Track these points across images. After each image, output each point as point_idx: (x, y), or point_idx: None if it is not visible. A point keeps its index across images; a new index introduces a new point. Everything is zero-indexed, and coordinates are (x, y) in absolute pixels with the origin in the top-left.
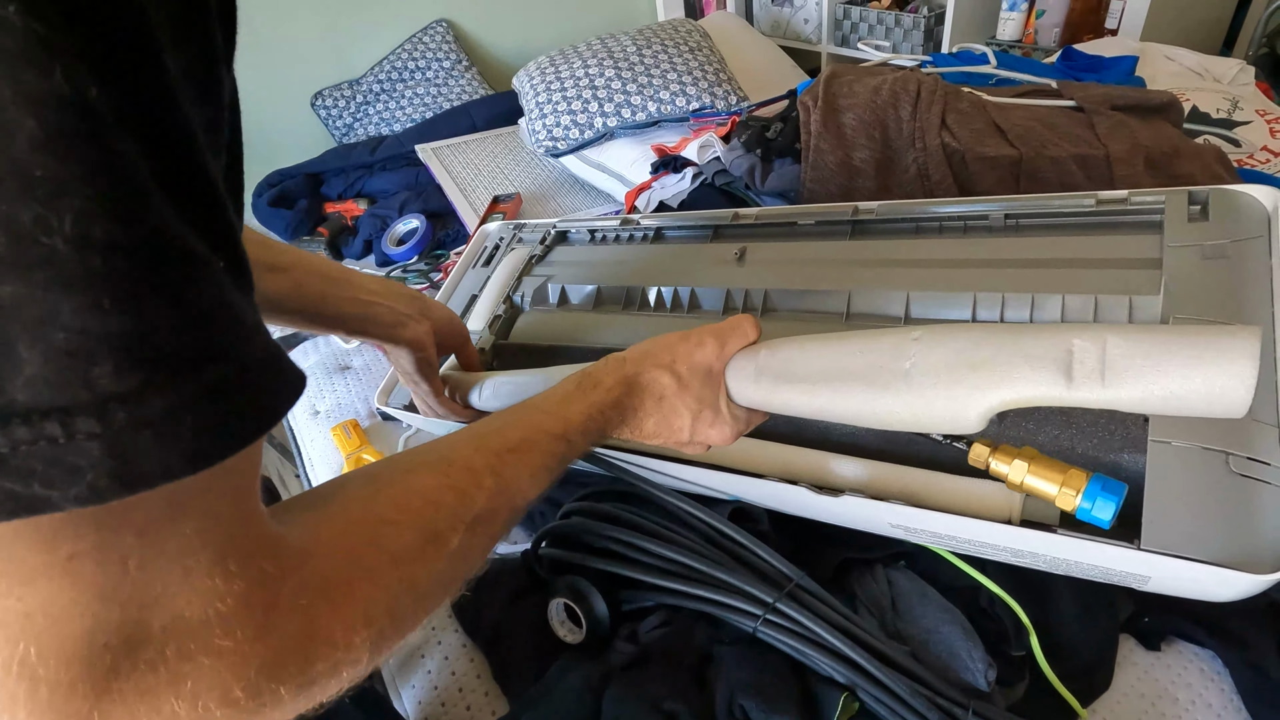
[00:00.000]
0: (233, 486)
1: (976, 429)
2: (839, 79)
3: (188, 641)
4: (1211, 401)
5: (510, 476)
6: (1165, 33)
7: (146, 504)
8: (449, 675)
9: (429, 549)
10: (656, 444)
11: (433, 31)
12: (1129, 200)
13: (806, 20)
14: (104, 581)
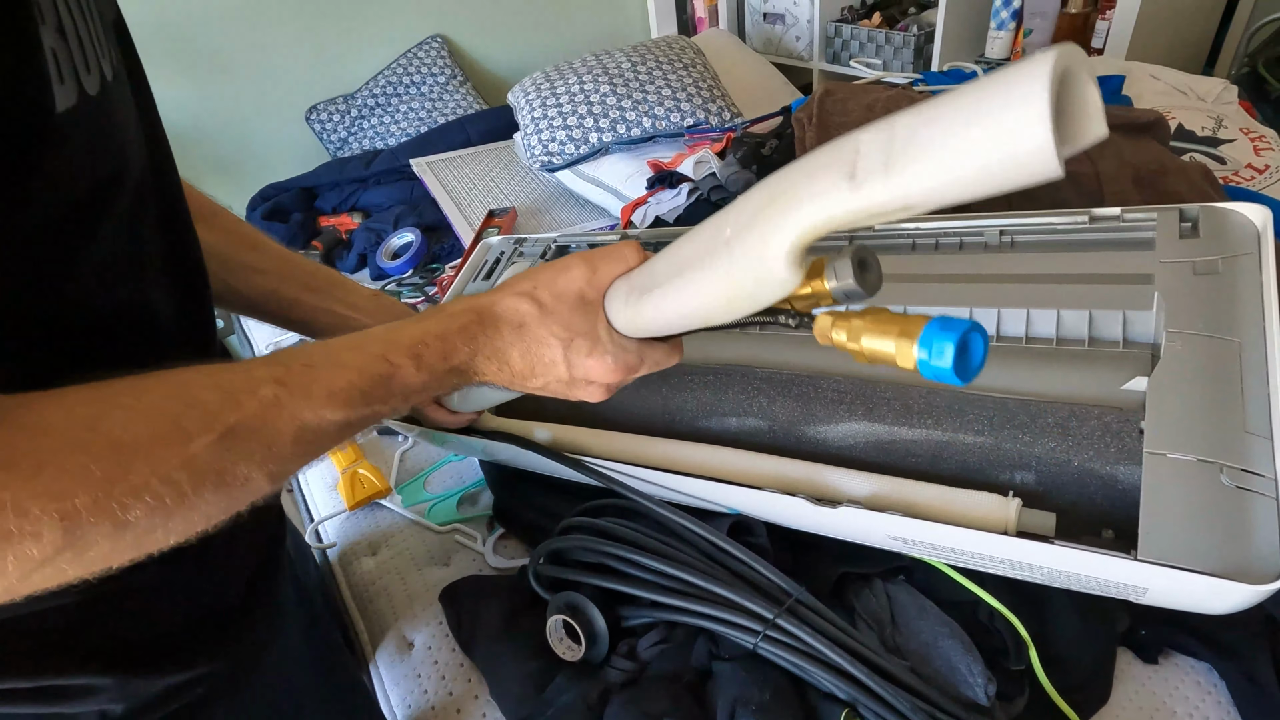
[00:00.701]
0: None
1: (788, 277)
2: (833, 97)
3: None
4: (1010, 151)
5: (298, 389)
6: (1150, 52)
7: None
8: (445, 694)
9: (161, 445)
10: (539, 387)
11: (428, 47)
12: (1121, 218)
13: (798, 38)
14: None
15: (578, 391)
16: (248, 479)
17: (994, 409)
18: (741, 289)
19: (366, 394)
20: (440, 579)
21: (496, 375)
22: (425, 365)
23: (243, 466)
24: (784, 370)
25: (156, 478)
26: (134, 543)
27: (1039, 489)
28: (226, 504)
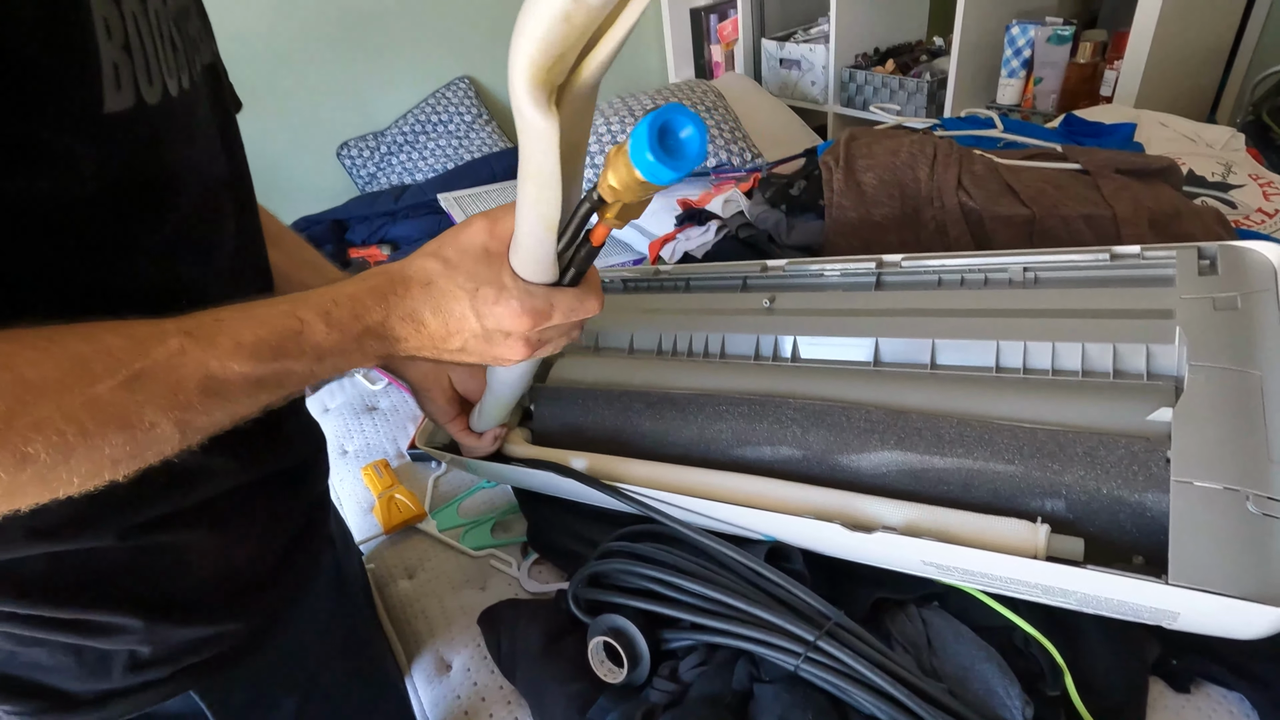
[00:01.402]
0: None
1: (538, 119)
2: (858, 141)
3: None
4: None
5: (204, 339)
6: (1157, 101)
7: None
8: (486, 716)
9: (67, 385)
10: (458, 348)
11: (455, 87)
12: (1142, 255)
13: (813, 82)
14: None
15: (496, 348)
16: (153, 425)
17: (1024, 438)
18: (529, 164)
19: (275, 349)
20: (476, 602)
21: (414, 338)
22: (335, 323)
23: (148, 412)
24: (817, 401)
25: (60, 415)
26: (37, 479)
27: (1069, 516)
28: (132, 449)
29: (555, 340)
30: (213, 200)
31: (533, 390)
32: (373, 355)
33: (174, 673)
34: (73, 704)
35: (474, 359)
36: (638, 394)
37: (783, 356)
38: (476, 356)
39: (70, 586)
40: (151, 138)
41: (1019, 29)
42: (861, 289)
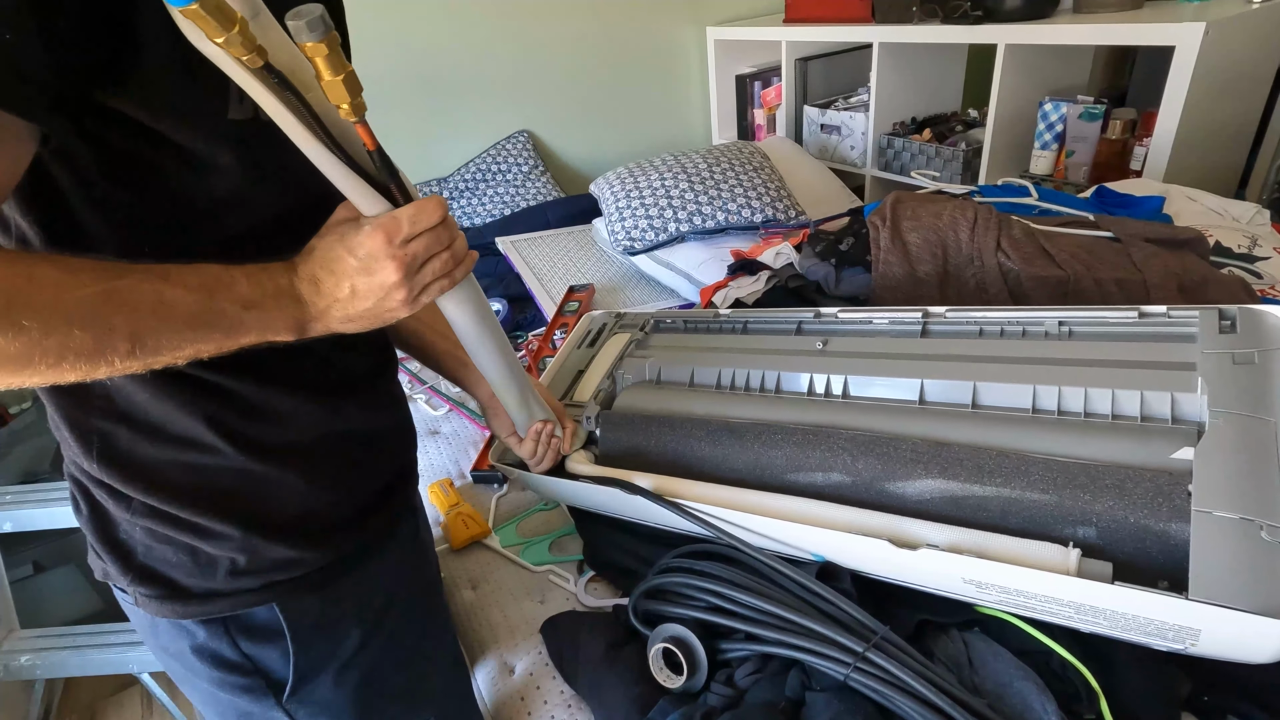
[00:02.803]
0: None
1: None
2: (903, 203)
3: None
4: None
5: (160, 275)
6: (1185, 176)
7: None
8: (548, 718)
9: (61, 285)
10: (348, 294)
11: (515, 139)
12: (1168, 314)
13: (853, 147)
14: None
15: (377, 275)
16: (112, 329)
17: (1057, 470)
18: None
19: (209, 289)
20: (537, 614)
21: (316, 298)
22: (255, 282)
23: (114, 317)
24: (866, 432)
25: (52, 303)
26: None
27: (1099, 543)
28: (94, 345)
29: (431, 263)
30: (313, 207)
31: (600, 415)
32: (290, 317)
33: (263, 585)
34: (187, 595)
35: (369, 301)
36: (698, 421)
37: (834, 394)
38: (369, 297)
39: (196, 493)
40: (269, 140)
41: (1051, 105)
42: (908, 336)
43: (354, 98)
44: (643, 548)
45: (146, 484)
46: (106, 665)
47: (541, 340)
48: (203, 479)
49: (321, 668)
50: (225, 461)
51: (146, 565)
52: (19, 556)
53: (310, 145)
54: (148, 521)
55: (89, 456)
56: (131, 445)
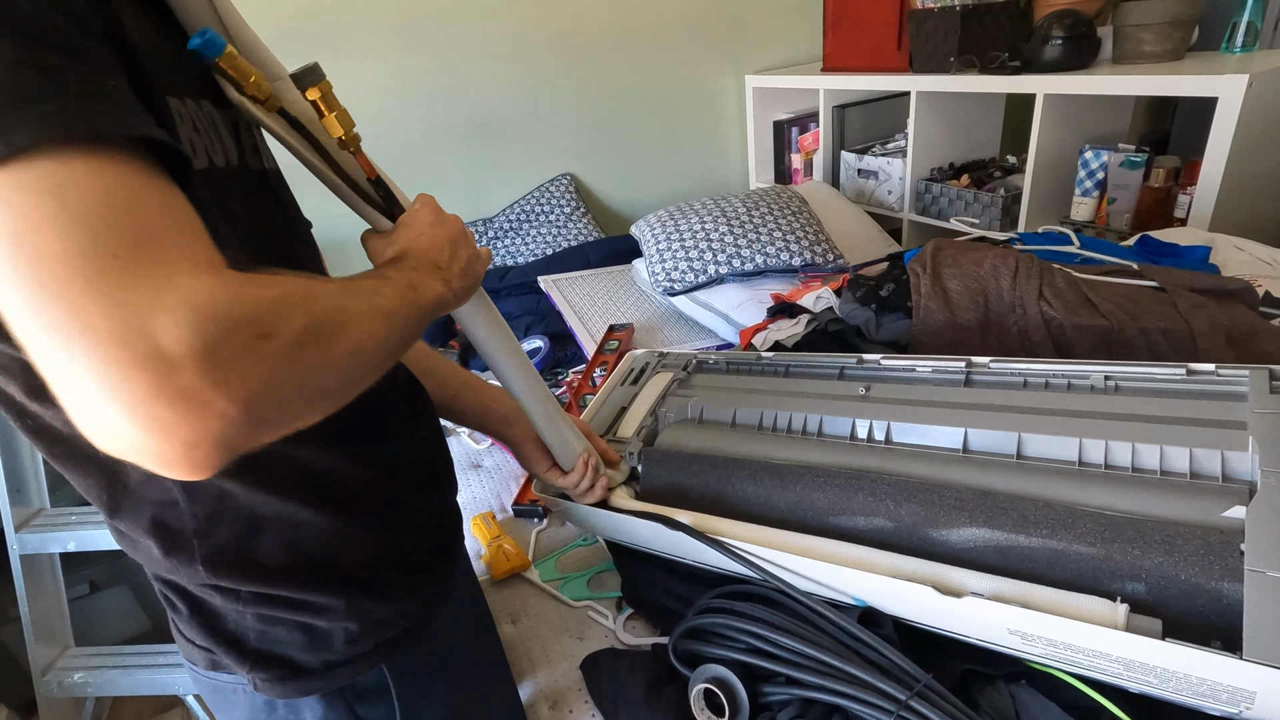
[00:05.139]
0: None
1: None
2: (944, 251)
3: None
4: None
5: (407, 285)
6: (1232, 225)
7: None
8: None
9: (355, 293)
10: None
11: (558, 182)
12: (1217, 373)
13: (890, 191)
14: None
15: (447, 223)
16: (390, 342)
17: (1105, 523)
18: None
19: (400, 289)
20: (576, 650)
21: (415, 266)
22: (402, 271)
23: (393, 333)
24: (909, 478)
25: (362, 314)
26: (353, 358)
27: (1149, 599)
28: (385, 359)
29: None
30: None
31: (642, 451)
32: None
33: (375, 646)
34: (308, 672)
35: (461, 250)
36: (740, 461)
37: (876, 439)
38: (442, 247)
39: (298, 570)
40: (223, 191)
41: (1092, 154)
42: (951, 384)
43: (349, 130)
44: (681, 586)
45: (255, 575)
46: (154, 686)
47: (582, 378)
48: (302, 555)
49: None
50: (317, 531)
51: (262, 650)
52: (77, 575)
53: (325, 176)
54: (258, 608)
55: (190, 564)
56: (233, 542)
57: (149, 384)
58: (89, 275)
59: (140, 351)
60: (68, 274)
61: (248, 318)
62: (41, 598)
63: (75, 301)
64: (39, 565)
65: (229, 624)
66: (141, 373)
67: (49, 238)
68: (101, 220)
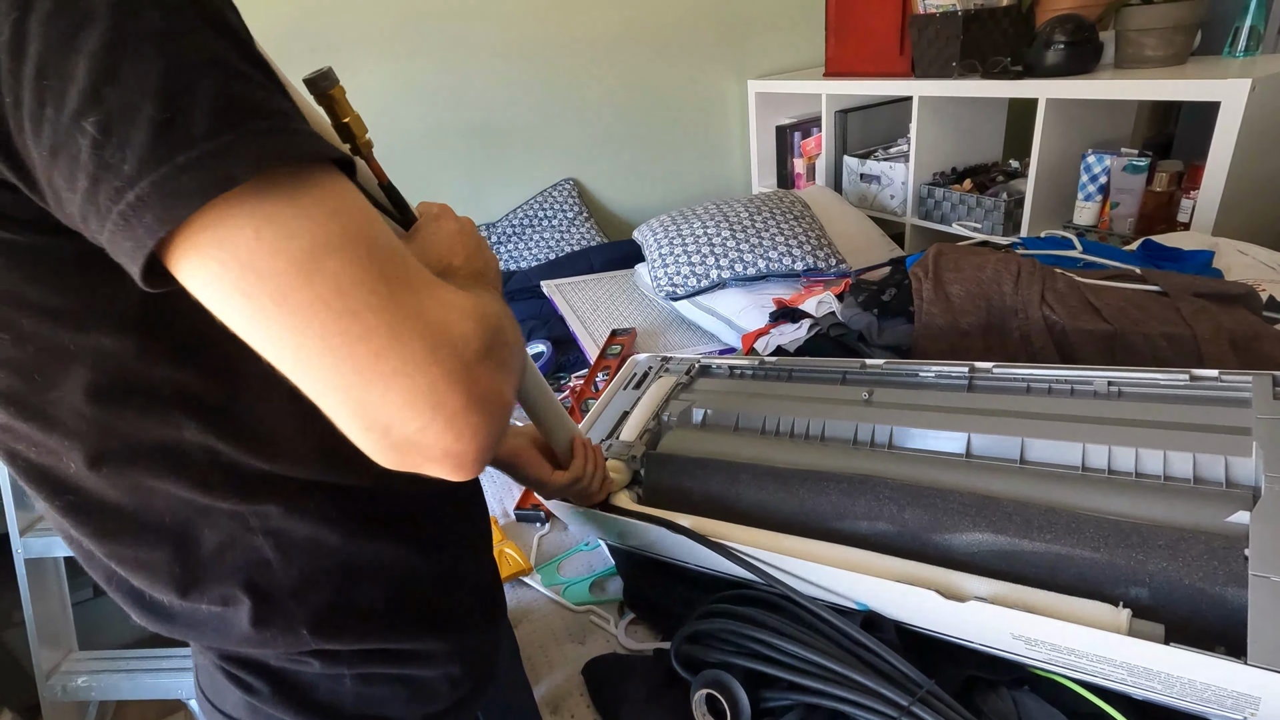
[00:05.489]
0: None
1: None
2: (945, 256)
3: None
4: None
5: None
6: (1235, 229)
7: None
8: None
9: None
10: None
11: (561, 187)
12: (1220, 378)
13: (892, 196)
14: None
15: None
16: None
17: (1108, 528)
18: None
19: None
20: (577, 654)
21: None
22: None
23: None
24: (913, 482)
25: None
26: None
27: (1152, 604)
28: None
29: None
30: None
31: (645, 455)
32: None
33: (474, 687)
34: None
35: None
36: (743, 465)
37: (879, 443)
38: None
39: (402, 616)
40: None
41: (1095, 158)
42: (954, 389)
43: (362, 135)
44: (683, 591)
45: (359, 630)
46: (157, 690)
47: (584, 383)
48: (403, 600)
49: None
50: (414, 572)
51: (361, 713)
52: (82, 579)
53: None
54: (359, 668)
55: (290, 630)
56: (334, 597)
57: (464, 394)
58: (390, 298)
59: (453, 366)
60: (375, 299)
61: (496, 320)
62: (46, 601)
63: (389, 326)
64: (43, 569)
65: (321, 694)
66: (459, 385)
67: (343, 263)
68: (375, 243)
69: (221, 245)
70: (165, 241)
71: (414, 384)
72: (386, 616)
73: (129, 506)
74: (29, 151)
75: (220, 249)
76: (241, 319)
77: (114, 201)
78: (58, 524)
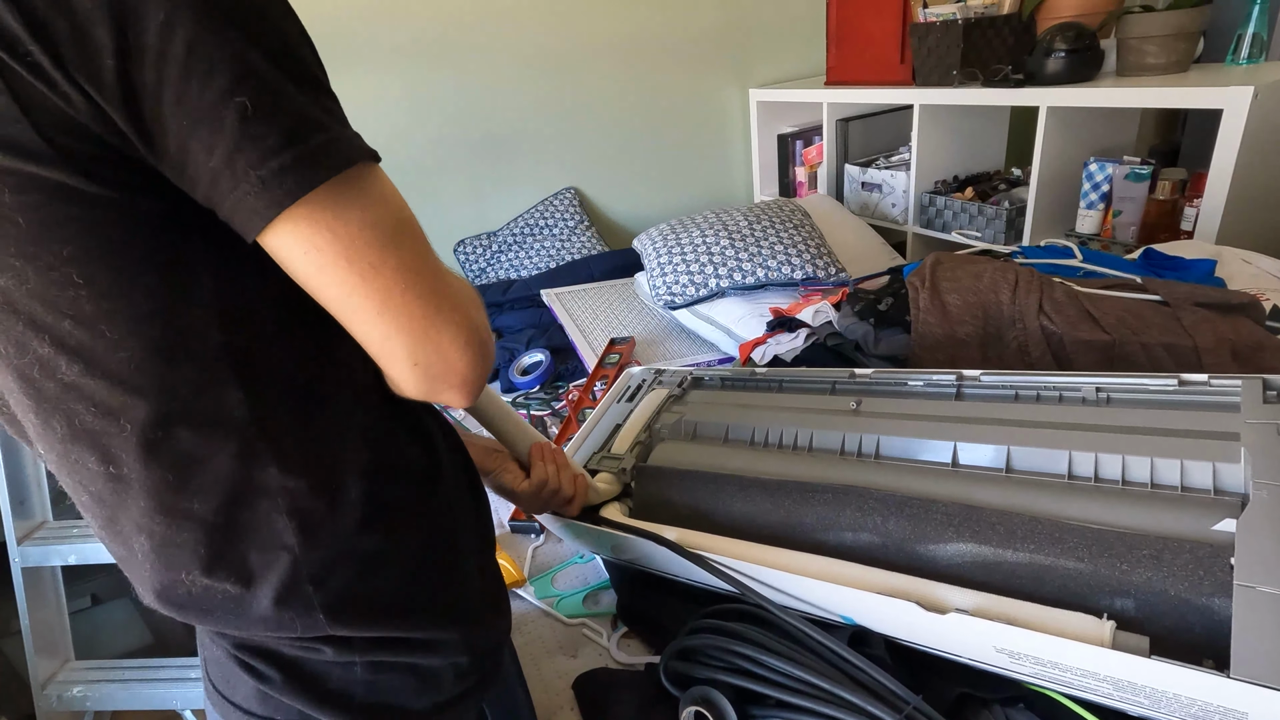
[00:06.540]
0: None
1: None
2: (943, 265)
3: None
4: None
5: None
6: (1239, 238)
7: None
8: None
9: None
10: None
11: (562, 196)
12: (1209, 383)
13: (894, 204)
14: None
15: None
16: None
17: (1092, 538)
18: None
19: None
20: (569, 668)
21: None
22: None
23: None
24: (898, 492)
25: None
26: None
27: (1138, 616)
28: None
29: None
30: None
31: (635, 468)
32: None
33: (479, 679)
34: (418, 718)
35: None
36: (731, 477)
37: (866, 453)
38: None
39: (411, 606)
40: None
41: (1096, 166)
42: (942, 398)
43: None
44: (676, 605)
45: (374, 617)
46: (153, 700)
47: (582, 392)
48: (420, 590)
49: None
50: (431, 562)
51: (370, 702)
52: (79, 588)
53: None
54: (371, 655)
55: (307, 614)
56: (353, 584)
57: (481, 339)
58: (436, 269)
59: (478, 319)
60: (428, 269)
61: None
62: (43, 610)
63: (444, 288)
64: (41, 578)
65: (333, 682)
66: (478, 332)
67: (412, 242)
68: (417, 226)
69: (337, 216)
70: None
71: (458, 331)
72: (399, 604)
73: (171, 480)
74: (166, 120)
75: (336, 219)
76: (337, 280)
77: (254, 166)
78: (83, 503)
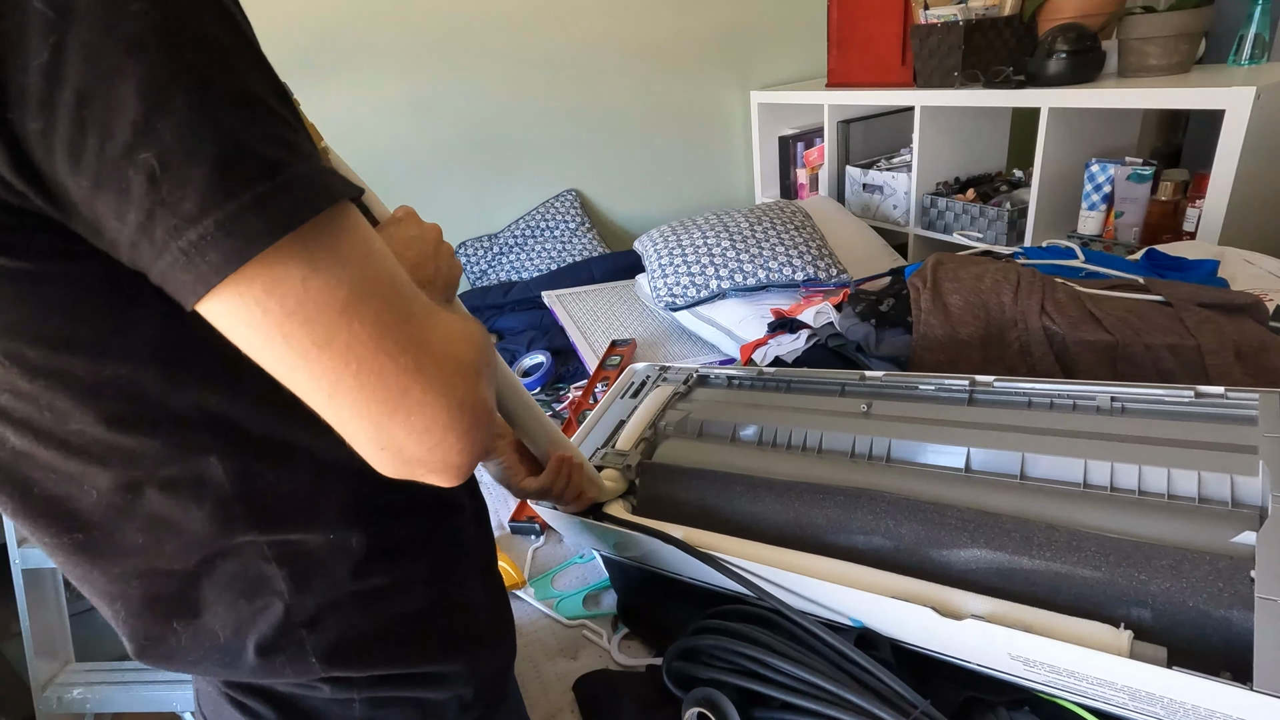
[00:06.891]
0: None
1: None
2: (944, 265)
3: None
4: None
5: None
6: (1242, 238)
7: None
8: None
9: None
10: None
11: (563, 198)
12: (1225, 395)
13: (895, 206)
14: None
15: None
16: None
17: (1110, 547)
18: None
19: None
20: (569, 670)
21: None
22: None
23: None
24: (910, 497)
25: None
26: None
27: (1155, 626)
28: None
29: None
30: None
31: (640, 465)
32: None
33: (486, 710)
34: None
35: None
36: (738, 476)
37: (877, 456)
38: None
39: (414, 641)
40: None
41: (1098, 167)
42: (954, 403)
43: (320, 142)
44: (677, 606)
45: (373, 657)
46: (152, 702)
47: (583, 394)
48: (423, 623)
49: None
50: (435, 595)
51: None
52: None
53: None
54: (372, 692)
55: (298, 660)
56: (351, 625)
57: (471, 416)
58: (412, 336)
59: (464, 393)
60: (402, 338)
61: (481, 338)
62: (43, 613)
63: (415, 361)
64: (41, 580)
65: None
66: (467, 408)
67: (378, 307)
68: (396, 281)
69: (269, 291)
70: None
71: (434, 412)
72: (399, 642)
73: (141, 542)
74: (62, 178)
75: (268, 295)
76: (276, 359)
77: (173, 237)
78: (60, 562)
